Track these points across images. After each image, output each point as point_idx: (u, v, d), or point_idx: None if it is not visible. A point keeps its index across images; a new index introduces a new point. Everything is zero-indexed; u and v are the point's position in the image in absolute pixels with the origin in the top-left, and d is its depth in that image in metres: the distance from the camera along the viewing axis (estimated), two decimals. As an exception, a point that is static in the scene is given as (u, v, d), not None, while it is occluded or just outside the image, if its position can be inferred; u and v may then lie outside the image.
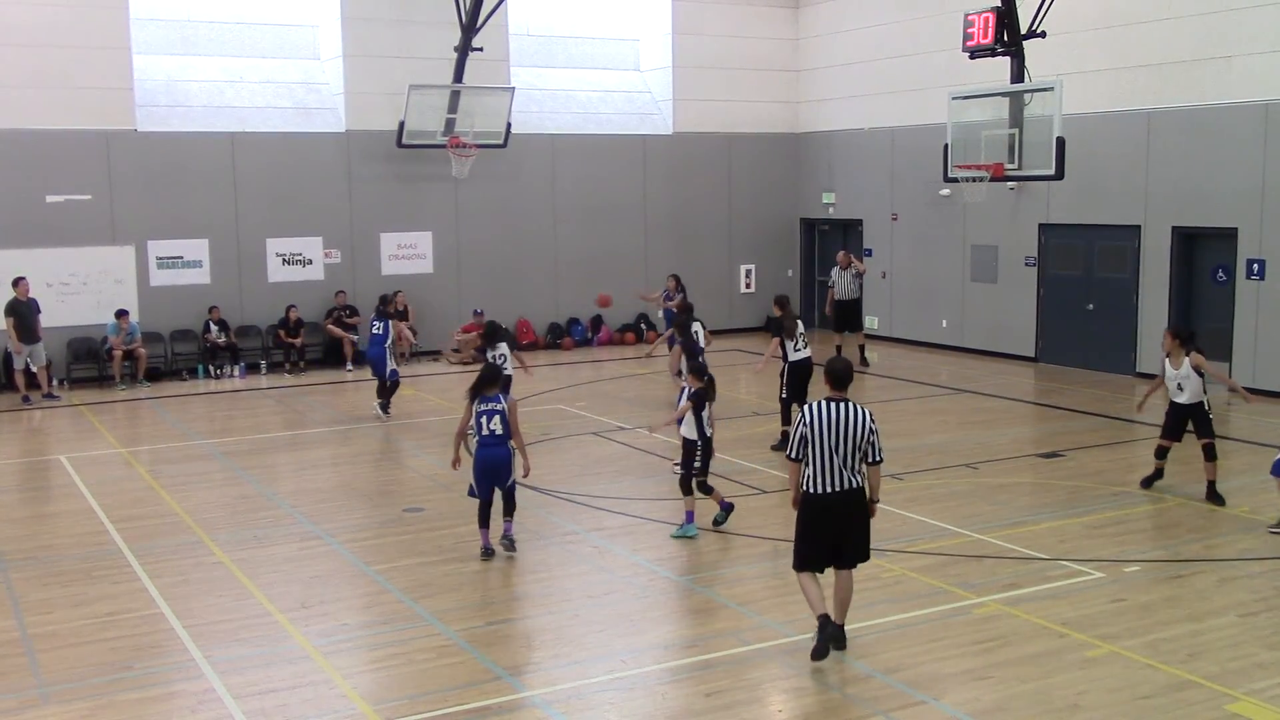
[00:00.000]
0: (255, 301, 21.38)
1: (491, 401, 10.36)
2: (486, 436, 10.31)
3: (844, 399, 8.08)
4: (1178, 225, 18.50)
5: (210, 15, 22.14)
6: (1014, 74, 17.89)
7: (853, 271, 21.20)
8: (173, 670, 8.15)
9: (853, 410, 8.02)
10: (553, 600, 9.47)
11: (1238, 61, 17.48)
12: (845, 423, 7.96)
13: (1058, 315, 20.49)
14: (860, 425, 7.97)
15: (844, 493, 8.00)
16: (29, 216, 19.61)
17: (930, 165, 20.38)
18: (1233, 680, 7.68)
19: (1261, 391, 17.35)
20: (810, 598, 8.15)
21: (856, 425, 7.97)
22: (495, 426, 10.30)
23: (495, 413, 10.31)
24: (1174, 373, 12.03)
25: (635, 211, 24.67)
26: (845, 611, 8.26)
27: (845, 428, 7.95)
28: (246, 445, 15.35)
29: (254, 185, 21.28)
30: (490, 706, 7.44)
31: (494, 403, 10.36)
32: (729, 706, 7.42)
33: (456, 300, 22.88)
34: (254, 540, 11.08)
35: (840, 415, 7.98)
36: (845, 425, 7.95)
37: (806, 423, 8.01)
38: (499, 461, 10.38)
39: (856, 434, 7.96)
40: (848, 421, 7.96)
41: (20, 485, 13.85)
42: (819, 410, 8.01)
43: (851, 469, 7.99)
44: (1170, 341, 12.10)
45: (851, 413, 8.00)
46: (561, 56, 25.18)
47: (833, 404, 8.03)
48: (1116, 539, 10.77)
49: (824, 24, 25.22)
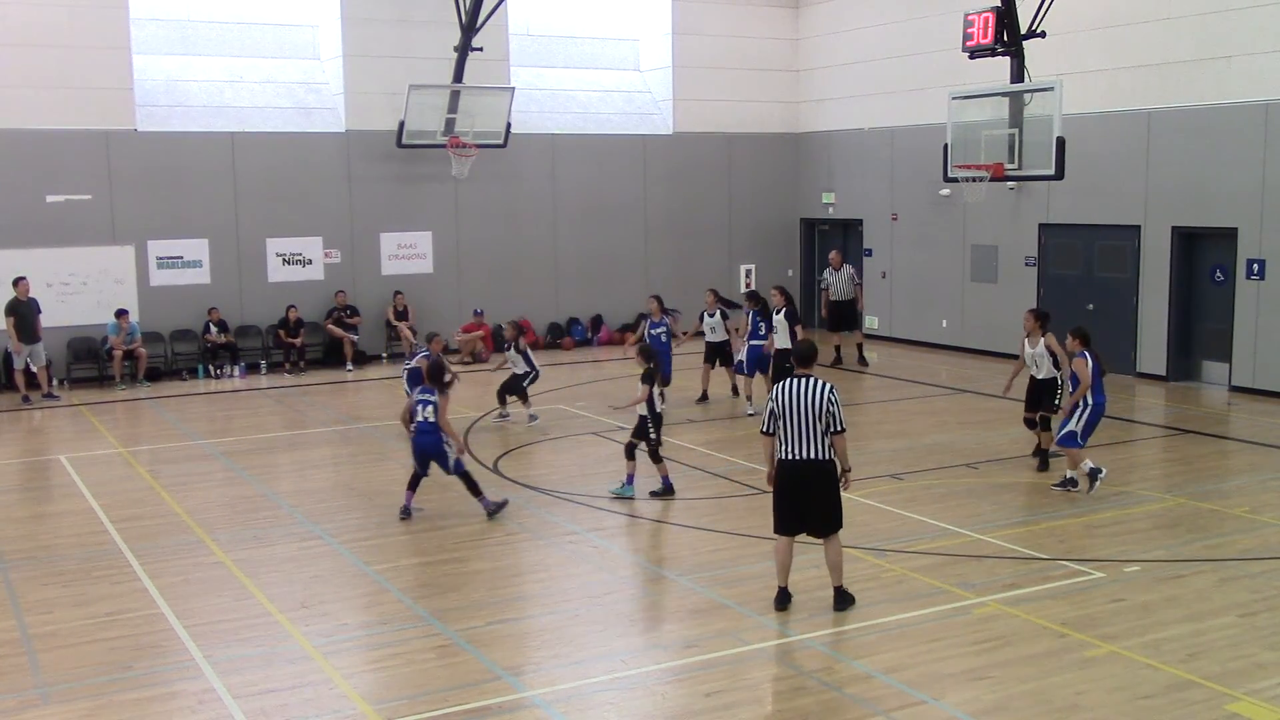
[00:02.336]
0: (255, 301, 21.38)
1: (427, 393, 11.47)
2: (420, 423, 11.44)
3: (808, 375, 8.86)
4: (1177, 225, 18.50)
5: (210, 15, 22.15)
6: (1014, 74, 17.89)
7: (847, 272, 21.42)
8: (173, 670, 8.15)
9: (813, 384, 8.75)
10: (553, 600, 9.47)
11: (1238, 61, 17.49)
12: (805, 396, 8.68)
13: (1058, 315, 20.40)
14: (819, 397, 8.67)
15: (809, 461, 8.70)
16: (29, 216, 19.62)
17: (930, 165, 20.38)
18: (1233, 680, 7.68)
19: (1261, 392, 17.41)
20: (778, 564, 9.06)
21: (816, 397, 8.67)
22: (428, 415, 11.40)
23: (429, 403, 11.42)
24: (1031, 351, 13.29)
25: (635, 211, 24.67)
26: (838, 573, 9.02)
27: (806, 400, 8.67)
28: (246, 445, 15.35)
29: (254, 185, 21.29)
30: (490, 706, 7.44)
31: (428, 394, 11.45)
32: (729, 706, 7.43)
33: (456, 300, 22.88)
34: (254, 540, 11.09)
35: (801, 389, 8.73)
36: (805, 398, 8.67)
37: (774, 398, 8.83)
38: (428, 448, 11.46)
39: (817, 405, 8.65)
40: (807, 394, 8.68)
41: (20, 485, 13.85)
42: (784, 387, 8.82)
43: (815, 439, 8.68)
44: (1031, 322, 13.38)
45: (812, 386, 8.74)
46: (561, 56, 25.19)
47: (797, 379, 8.83)
48: (1116, 539, 10.77)
49: (824, 24, 25.22)
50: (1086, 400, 12.09)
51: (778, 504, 8.93)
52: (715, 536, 11.08)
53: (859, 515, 11.49)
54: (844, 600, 8.97)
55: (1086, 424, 12.11)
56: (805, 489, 8.77)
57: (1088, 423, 12.11)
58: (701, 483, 13.11)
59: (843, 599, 8.97)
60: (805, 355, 9.12)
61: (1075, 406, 12.16)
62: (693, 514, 11.90)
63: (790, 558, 9.03)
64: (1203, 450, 14.58)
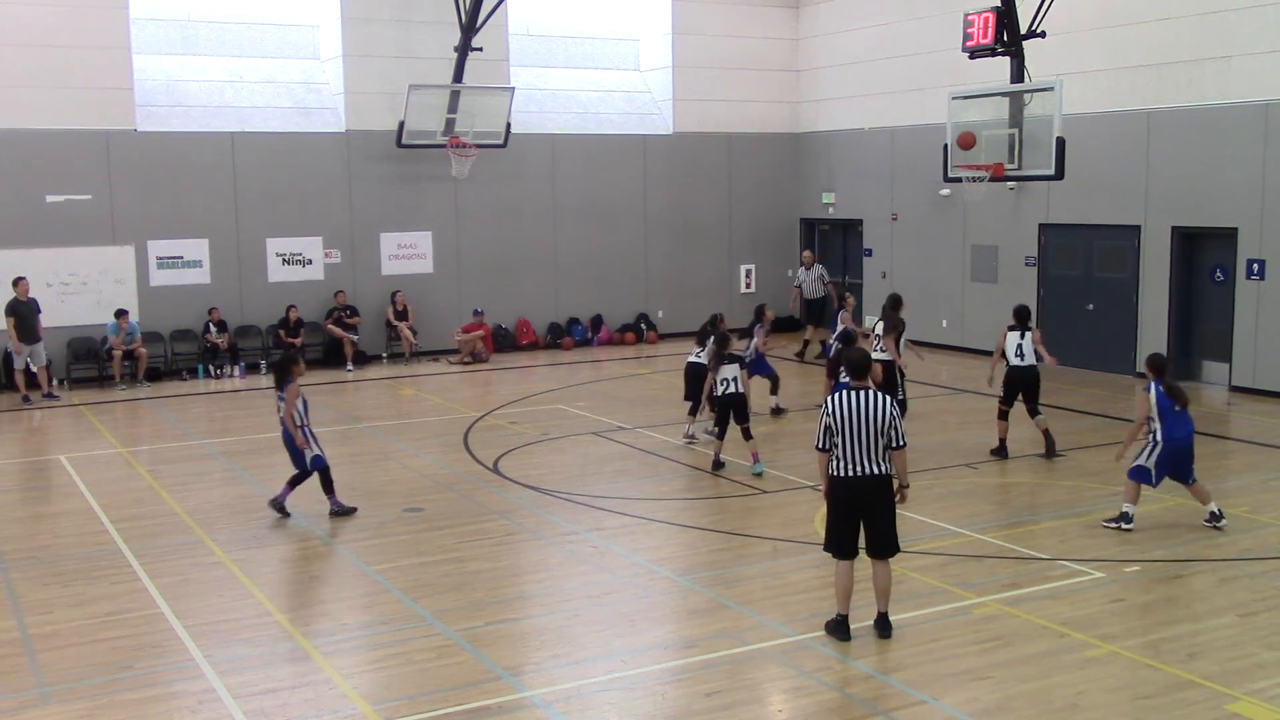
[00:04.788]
0: (255, 301, 21.38)
1: (278, 391, 11.81)
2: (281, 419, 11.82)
3: (865, 387, 8.39)
4: (1177, 225, 18.50)
5: (210, 15, 22.14)
6: (1014, 74, 17.88)
7: (817, 270, 22.46)
8: (173, 670, 8.14)
9: (873, 398, 8.31)
10: (553, 600, 9.47)
11: (1238, 61, 17.48)
12: (866, 410, 8.25)
13: (1058, 315, 20.48)
14: (881, 411, 8.25)
15: (868, 478, 8.28)
16: (29, 216, 19.62)
17: (930, 165, 20.37)
18: (1233, 680, 7.68)
19: (1261, 392, 17.40)
20: (839, 589, 8.46)
21: (877, 411, 8.25)
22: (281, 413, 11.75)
23: (280, 399, 11.76)
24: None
25: (635, 211, 24.67)
26: (885, 599, 8.53)
27: (866, 415, 8.24)
28: (246, 445, 15.34)
29: (254, 185, 21.28)
30: (490, 706, 7.44)
31: (279, 391, 11.78)
32: (729, 706, 7.42)
33: (456, 300, 22.87)
34: (254, 540, 11.09)
35: (861, 403, 8.27)
36: (866, 412, 8.24)
37: (829, 411, 8.33)
38: (285, 442, 11.79)
39: (879, 420, 8.23)
40: (868, 409, 8.25)
41: (20, 485, 13.85)
42: (841, 399, 8.33)
43: (875, 455, 8.27)
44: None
45: (872, 400, 8.30)
46: (561, 56, 25.18)
47: (854, 393, 8.34)
48: (1116, 539, 10.76)
49: (824, 24, 25.22)
50: (1156, 438, 10.88)
51: (837, 524, 8.43)
52: (715, 536, 11.08)
53: (859, 515, 11.50)
54: (886, 628, 8.46)
55: (1159, 461, 10.90)
56: (866, 507, 8.33)
57: (1159, 460, 10.89)
58: (701, 482, 13.11)
59: (885, 626, 8.46)
60: (859, 366, 8.56)
61: (1139, 442, 11.10)
62: (693, 514, 11.90)
63: (852, 582, 8.45)
64: (1203, 450, 14.45)
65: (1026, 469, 13.52)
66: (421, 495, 12.60)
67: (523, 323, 23.71)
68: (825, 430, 8.35)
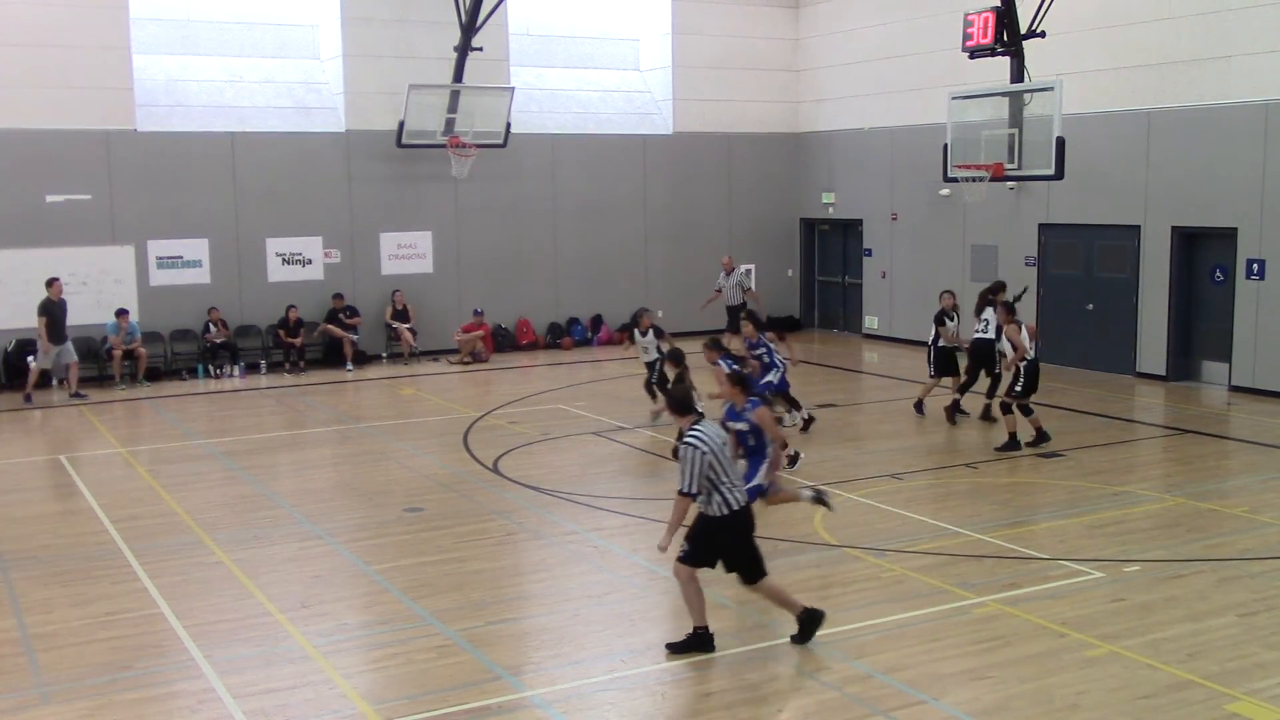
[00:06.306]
0: (255, 301, 21.38)
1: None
2: None
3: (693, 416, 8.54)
4: (1177, 225, 18.50)
5: (210, 15, 22.14)
6: (1014, 74, 17.89)
7: (736, 276, 21.89)
8: (173, 670, 8.14)
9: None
10: (553, 600, 9.47)
11: (1238, 61, 17.49)
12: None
13: (1058, 315, 20.49)
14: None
15: None
16: (29, 216, 19.62)
17: (930, 165, 20.38)
18: (1233, 680, 7.68)
19: (1261, 392, 17.40)
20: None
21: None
22: None
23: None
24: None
25: (635, 211, 24.67)
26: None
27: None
28: (246, 445, 15.34)
29: (254, 185, 21.29)
30: (490, 706, 7.44)
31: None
32: (729, 706, 7.42)
33: (456, 300, 22.88)
34: (254, 540, 11.08)
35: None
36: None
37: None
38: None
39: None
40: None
41: (20, 485, 13.84)
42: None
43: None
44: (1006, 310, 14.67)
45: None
46: (561, 56, 25.18)
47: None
48: (1116, 539, 10.77)
49: (824, 24, 25.22)
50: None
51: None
52: (715, 536, 11.06)
53: (859, 515, 11.51)
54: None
55: None
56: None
57: None
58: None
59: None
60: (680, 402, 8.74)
61: None
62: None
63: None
64: (1202, 450, 14.58)
65: (1027, 469, 13.52)
66: (421, 495, 12.60)
67: (523, 322, 23.71)
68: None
